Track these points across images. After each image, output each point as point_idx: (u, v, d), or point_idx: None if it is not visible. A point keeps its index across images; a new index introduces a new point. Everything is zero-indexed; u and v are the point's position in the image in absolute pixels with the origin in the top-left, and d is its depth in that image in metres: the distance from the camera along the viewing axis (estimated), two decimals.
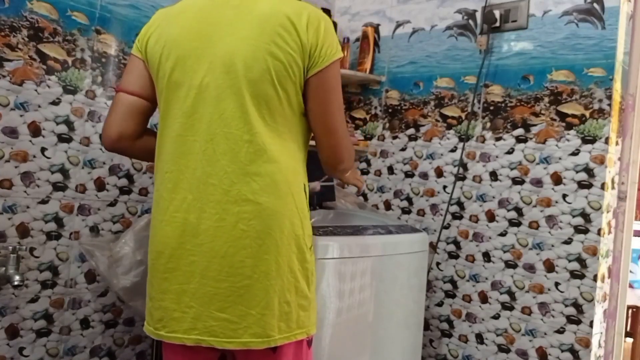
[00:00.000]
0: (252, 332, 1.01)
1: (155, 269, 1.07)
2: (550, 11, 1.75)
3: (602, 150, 1.63)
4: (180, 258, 1.04)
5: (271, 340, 1.02)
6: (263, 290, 1.01)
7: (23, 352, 1.50)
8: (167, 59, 1.07)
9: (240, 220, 1.01)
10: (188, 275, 1.03)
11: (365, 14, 2.26)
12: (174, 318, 1.04)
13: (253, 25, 1.03)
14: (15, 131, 1.44)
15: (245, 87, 1.02)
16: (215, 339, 1.02)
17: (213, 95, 1.03)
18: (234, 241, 1.01)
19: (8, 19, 1.41)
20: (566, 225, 1.68)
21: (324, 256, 1.37)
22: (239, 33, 1.03)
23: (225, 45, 1.03)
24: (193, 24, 1.07)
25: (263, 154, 1.02)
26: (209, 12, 1.08)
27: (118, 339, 1.70)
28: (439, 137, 1.98)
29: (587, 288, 1.64)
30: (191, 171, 1.04)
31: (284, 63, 1.01)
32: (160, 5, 1.73)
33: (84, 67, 1.56)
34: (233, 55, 1.02)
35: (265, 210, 1.02)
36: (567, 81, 1.70)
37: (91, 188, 1.60)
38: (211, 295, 1.02)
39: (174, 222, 1.04)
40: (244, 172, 1.02)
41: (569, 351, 1.66)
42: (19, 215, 1.46)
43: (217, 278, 1.01)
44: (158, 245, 1.07)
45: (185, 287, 1.03)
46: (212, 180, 1.02)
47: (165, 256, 1.05)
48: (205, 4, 1.09)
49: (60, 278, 1.56)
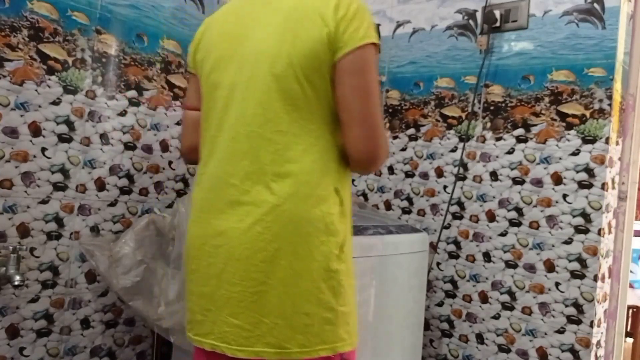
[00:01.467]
0: (266, 342, 0.95)
1: (185, 270, 1.08)
2: (551, 11, 1.75)
3: (602, 150, 1.63)
4: (200, 259, 1.02)
5: (285, 353, 0.95)
6: (277, 298, 0.95)
7: (23, 352, 1.50)
8: (207, 62, 1.09)
9: (258, 222, 0.96)
10: (206, 277, 1.00)
11: None
12: (197, 321, 1.02)
13: (279, 21, 1.00)
14: (16, 131, 1.44)
15: (271, 83, 0.98)
16: (227, 345, 0.97)
17: (240, 94, 1.01)
18: (251, 244, 0.96)
19: (8, 19, 1.41)
20: (566, 225, 1.68)
21: None
22: (265, 29, 1.01)
23: (253, 43, 1.02)
24: (229, 26, 1.08)
25: (285, 154, 0.97)
26: (244, 11, 1.08)
27: (118, 339, 1.70)
28: (439, 137, 1.98)
29: (587, 288, 1.64)
30: (215, 171, 1.03)
31: (308, 56, 0.96)
32: (161, 5, 1.73)
33: (84, 67, 1.56)
34: (259, 52, 1.00)
35: (284, 213, 0.96)
36: (567, 81, 1.70)
37: (91, 188, 1.60)
38: (225, 299, 0.98)
39: (200, 223, 1.04)
40: (264, 172, 0.98)
41: (570, 351, 1.66)
42: (20, 215, 1.46)
43: (231, 281, 0.97)
44: (186, 246, 1.07)
45: (203, 289, 1.01)
46: (233, 180, 0.99)
47: (190, 257, 1.05)
48: (242, 4, 1.10)
49: (61, 278, 1.56)
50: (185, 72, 1.81)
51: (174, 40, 1.77)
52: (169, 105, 1.77)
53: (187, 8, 1.81)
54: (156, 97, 1.74)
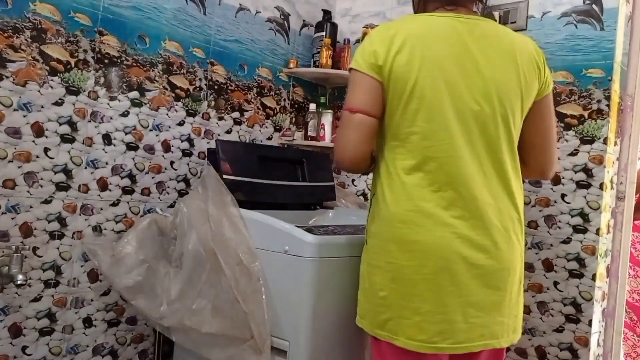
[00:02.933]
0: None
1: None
2: (549, 12, 1.76)
3: (600, 150, 1.64)
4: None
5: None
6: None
7: (26, 351, 1.51)
8: (430, 79, 1.13)
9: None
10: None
11: (365, 15, 2.27)
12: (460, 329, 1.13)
13: (507, 59, 1.16)
14: (19, 131, 1.45)
15: (501, 118, 1.14)
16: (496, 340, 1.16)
17: (482, 123, 1.14)
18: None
19: (11, 20, 1.42)
20: (565, 225, 1.69)
21: (324, 256, 1.38)
22: (494, 63, 1.15)
23: (487, 75, 1.14)
24: (451, 49, 1.14)
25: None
26: (460, 38, 1.16)
27: (120, 337, 1.71)
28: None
29: (585, 287, 1.65)
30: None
31: (528, 99, 1.19)
32: (163, 6, 1.74)
33: (86, 68, 1.58)
34: (496, 86, 1.14)
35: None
36: (565, 82, 1.71)
37: (94, 188, 1.62)
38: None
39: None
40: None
41: (568, 350, 1.67)
42: (22, 215, 1.47)
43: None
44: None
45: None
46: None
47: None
48: (450, 28, 1.16)
49: (63, 277, 1.57)
50: (187, 72, 1.82)
51: (175, 41, 1.78)
52: (170, 105, 1.79)
53: (189, 9, 1.82)
54: (158, 97, 1.75)
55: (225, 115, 1.96)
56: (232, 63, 1.97)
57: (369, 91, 1.16)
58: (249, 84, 2.03)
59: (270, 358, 1.38)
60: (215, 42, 1.91)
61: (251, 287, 1.42)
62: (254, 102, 2.06)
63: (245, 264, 1.44)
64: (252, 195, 1.69)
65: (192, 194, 1.62)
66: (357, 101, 1.17)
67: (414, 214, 1.13)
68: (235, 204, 1.56)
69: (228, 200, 1.56)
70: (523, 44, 1.20)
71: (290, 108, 2.21)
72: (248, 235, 1.49)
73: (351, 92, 1.19)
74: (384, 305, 1.16)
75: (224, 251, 1.44)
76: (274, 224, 1.46)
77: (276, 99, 2.15)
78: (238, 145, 1.90)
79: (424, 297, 1.12)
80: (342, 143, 1.19)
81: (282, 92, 2.17)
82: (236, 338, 1.40)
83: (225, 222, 1.50)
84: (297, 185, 1.89)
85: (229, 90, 1.97)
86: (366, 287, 1.22)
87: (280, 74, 2.16)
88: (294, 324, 1.39)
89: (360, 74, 1.17)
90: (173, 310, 1.47)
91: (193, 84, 1.85)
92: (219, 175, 1.63)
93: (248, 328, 1.38)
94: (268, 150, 1.96)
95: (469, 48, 1.15)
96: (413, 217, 1.13)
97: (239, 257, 1.44)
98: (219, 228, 1.49)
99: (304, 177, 1.91)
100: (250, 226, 1.51)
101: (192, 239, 1.49)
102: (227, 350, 1.41)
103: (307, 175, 1.92)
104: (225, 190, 1.59)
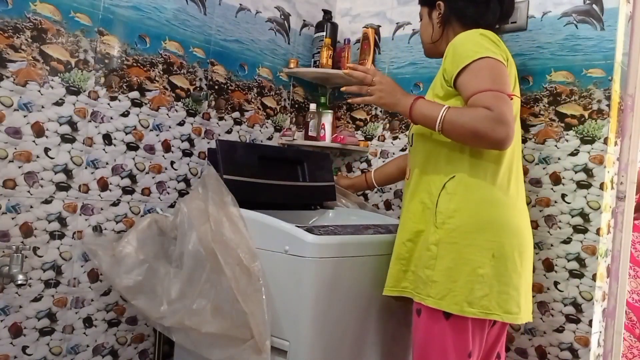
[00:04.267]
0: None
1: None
2: (550, 12, 1.76)
3: (601, 150, 1.64)
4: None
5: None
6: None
7: (26, 351, 1.51)
8: (516, 84, 1.38)
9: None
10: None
11: (365, 15, 2.27)
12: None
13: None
14: (19, 131, 1.45)
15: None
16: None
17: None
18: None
19: (11, 20, 1.42)
20: (565, 225, 1.69)
21: (324, 255, 1.38)
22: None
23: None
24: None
25: None
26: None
27: (121, 337, 1.72)
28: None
29: (586, 287, 1.65)
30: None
31: None
32: (163, 6, 1.74)
33: (87, 68, 1.58)
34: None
35: None
36: (566, 82, 1.71)
37: (94, 188, 1.62)
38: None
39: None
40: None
41: (568, 350, 1.67)
42: (23, 215, 1.47)
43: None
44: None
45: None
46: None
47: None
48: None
49: (64, 277, 1.57)
50: (187, 72, 1.82)
51: (176, 41, 1.79)
52: (171, 105, 1.79)
53: (189, 9, 1.82)
54: (158, 97, 1.75)
55: (225, 115, 1.96)
56: (233, 63, 1.97)
57: (509, 82, 1.28)
58: (249, 84, 2.03)
59: (270, 358, 1.38)
60: (216, 42, 1.91)
61: (251, 287, 1.42)
62: (254, 102, 2.06)
63: (246, 264, 1.44)
64: (252, 195, 1.69)
65: (193, 194, 1.62)
66: (509, 88, 1.26)
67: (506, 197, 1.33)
68: (235, 204, 1.56)
69: (228, 200, 1.56)
70: None
71: (290, 108, 2.21)
72: (248, 235, 1.49)
73: (497, 78, 1.24)
74: (482, 282, 1.24)
75: (224, 251, 1.44)
76: (274, 224, 1.46)
77: (276, 99, 2.15)
78: (238, 145, 1.89)
79: (520, 273, 1.28)
80: (508, 120, 1.19)
81: (283, 92, 2.17)
82: (236, 338, 1.40)
83: (225, 222, 1.50)
84: (298, 185, 1.90)
85: (229, 90, 1.97)
86: (450, 267, 1.26)
87: (280, 74, 2.16)
88: (294, 324, 1.39)
89: (502, 64, 1.26)
90: (173, 310, 1.47)
91: (193, 84, 1.85)
92: (219, 175, 1.63)
93: (248, 328, 1.38)
94: (268, 150, 1.96)
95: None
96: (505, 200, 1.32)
97: (239, 257, 1.44)
98: (219, 228, 1.49)
99: (304, 177, 1.91)
100: (251, 226, 1.51)
101: (193, 239, 1.49)
102: (227, 350, 1.41)
103: (308, 175, 1.92)
104: (226, 190, 1.59)
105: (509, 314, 1.25)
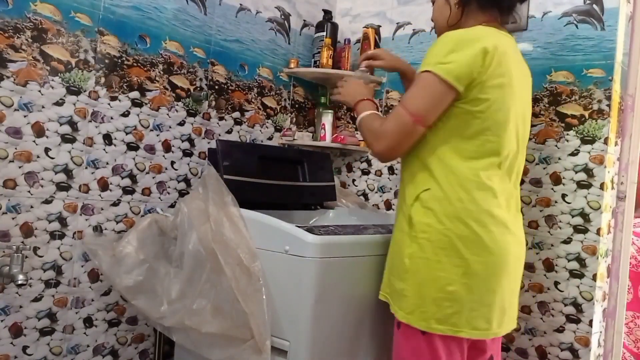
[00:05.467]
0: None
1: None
2: (550, 12, 1.76)
3: (601, 150, 1.64)
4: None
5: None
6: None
7: (27, 351, 1.51)
8: (510, 101, 1.25)
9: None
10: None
11: (366, 15, 2.27)
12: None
13: (528, 90, 1.40)
14: (19, 131, 1.45)
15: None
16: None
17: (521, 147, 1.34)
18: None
19: (12, 20, 1.42)
20: (565, 225, 1.69)
21: (325, 255, 1.38)
22: (526, 92, 1.38)
23: (524, 102, 1.34)
24: (520, 72, 1.32)
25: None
26: (519, 57, 1.34)
27: (121, 337, 1.72)
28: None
29: (586, 287, 1.65)
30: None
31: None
32: (163, 6, 1.74)
33: (87, 68, 1.58)
34: (525, 114, 1.36)
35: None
36: (566, 82, 1.71)
37: (94, 188, 1.62)
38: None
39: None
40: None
41: (569, 350, 1.67)
42: (23, 215, 1.47)
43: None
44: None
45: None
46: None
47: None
48: (510, 45, 1.29)
49: (64, 277, 1.57)
50: (188, 72, 1.82)
51: (176, 41, 1.79)
52: (171, 105, 1.79)
53: (189, 9, 1.82)
54: (158, 97, 1.75)
55: (225, 115, 1.96)
56: (233, 63, 1.97)
57: (438, 107, 1.27)
58: (249, 84, 2.03)
59: (270, 358, 1.38)
60: (216, 42, 1.91)
61: (251, 287, 1.42)
62: (254, 102, 2.06)
63: (246, 264, 1.44)
64: (252, 195, 1.69)
65: (193, 194, 1.62)
66: (430, 111, 1.25)
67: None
68: (235, 204, 1.56)
69: (228, 200, 1.56)
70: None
71: (290, 108, 2.21)
72: (248, 235, 1.49)
73: (423, 98, 1.24)
74: (452, 299, 1.19)
75: (224, 251, 1.45)
76: (275, 224, 1.46)
77: (277, 99, 2.15)
78: (238, 145, 1.90)
79: (492, 289, 1.22)
80: (387, 137, 1.27)
81: (283, 92, 2.17)
82: (236, 338, 1.40)
83: (225, 222, 1.50)
84: (298, 185, 1.90)
85: (230, 90, 1.97)
86: (420, 282, 1.22)
87: (280, 74, 2.16)
88: (294, 324, 1.39)
89: (441, 84, 1.20)
90: (173, 310, 1.47)
91: (194, 84, 1.85)
92: (220, 175, 1.63)
93: (248, 328, 1.38)
94: (268, 150, 1.96)
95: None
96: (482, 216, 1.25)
97: (240, 257, 1.44)
98: (220, 228, 1.49)
99: (304, 177, 1.92)
100: (251, 226, 1.51)
101: (193, 239, 1.49)
102: (228, 350, 1.41)
103: (308, 175, 1.92)
104: (226, 190, 1.59)
105: (476, 330, 1.21)
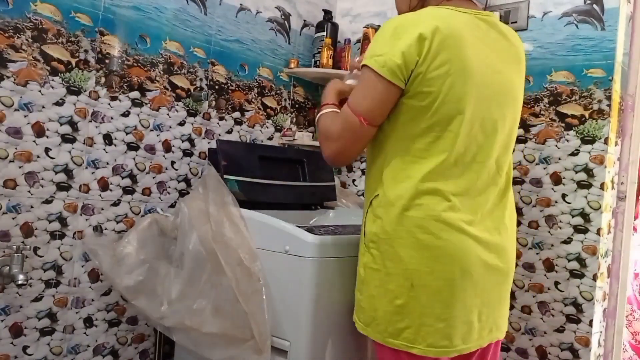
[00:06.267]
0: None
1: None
2: (550, 12, 1.76)
3: (601, 150, 1.64)
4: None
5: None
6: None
7: (27, 351, 1.51)
8: (463, 89, 1.06)
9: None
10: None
11: (366, 15, 2.27)
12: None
13: (517, 64, 1.21)
14: (20, 131, 1.45)
15: (514, 127, 1.21)
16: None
17: (500, 134, 1.15)
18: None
19: (12, 20, 1.42)
20: (566, 225, 1.69)
21: (325, 256, 1.38)
22: (510, 69, 1.18)
23: (507, 81, 1.16)
24: (484, 53, 1.10)
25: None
26: (488, 37, 1.13)
27: (121, 337, 1.72)
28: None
29: (586, 287, 1.65)
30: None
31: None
32: (164, 6, 1.74)
33: (87, 68, 1.58)
34: (513, 95, 1.18)
35: None
36: (566, 82, 1.71)
37: (95, 188, 1.62)
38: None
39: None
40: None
41: (569, 350, 1.67)
42: (23, 215, 1.47)
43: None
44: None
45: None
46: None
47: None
48: (468, 24, 1.10)
49: (64, 277, 1.57)
50: (188, 72, 1.82)
51: (176, 41, 1.79)
52: (171, 105, 1.79)
53: (190, 9, 1.82)
54: (159, 97, 1.75)
55: (226, 115, 1.96)
56: (233, 63, 1.97)
57: (377, 106, 1.18)
58: (249, 84, 2.03)
59: (270, 358, 1.38)
60: (216, 42, 1.91)
61: (252, 287, 1.42)
62: (254, 102, 2.06)
63: (246, 264, 1.44)
64: (252, 195, 1.69)
65: (193, 194, 1.62)
66: (372, 111, 1.17)
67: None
68: (235, 204, 1.56)
69: (229, 200, 1.56)
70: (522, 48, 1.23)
71: (290, 108, 2.21)
72: (249, 235, 1.49)
73: (365, 95, 1.15)
74: (401, 313, 1.10)
75: (224, 251, 1.45)
76: (275, 224, 1.46)
77: (277, 99, 2.15)
78: (239, 145, 1.90)
79: (448, 302, 1.08)
80: (334, 138, 1.22)
81: (283, 92, 2.17)
82: (237, 338, 1.40)
83: (225, 222, 1.50)
84: (298, 185, 1.90)
85: (230, 90, 1.97)
86: (372, 294, 1.14)
87: (281, 74, 2.16)
88: (294, 324, 1.39)
89: (377, 79, 1.09)
90: (174, 310, 1.47)
91: (194, 84, 1.85)
92: (220, 175, 1.63)
93: (249, 328, 1.38)
94: (269, 150, 1.96)
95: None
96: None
97: (240, 257, 1.44)
98: (220, 228, 1.49)
99: (304, 177, 1.91)
100: (251, 226, 1.51)
101: (193, 239, 1.49)
102: (228, 350, 1.41)
103: (308, 175, 1.92)
104: (226, 190, 1.59)
105: (432, 347, 1.08)
